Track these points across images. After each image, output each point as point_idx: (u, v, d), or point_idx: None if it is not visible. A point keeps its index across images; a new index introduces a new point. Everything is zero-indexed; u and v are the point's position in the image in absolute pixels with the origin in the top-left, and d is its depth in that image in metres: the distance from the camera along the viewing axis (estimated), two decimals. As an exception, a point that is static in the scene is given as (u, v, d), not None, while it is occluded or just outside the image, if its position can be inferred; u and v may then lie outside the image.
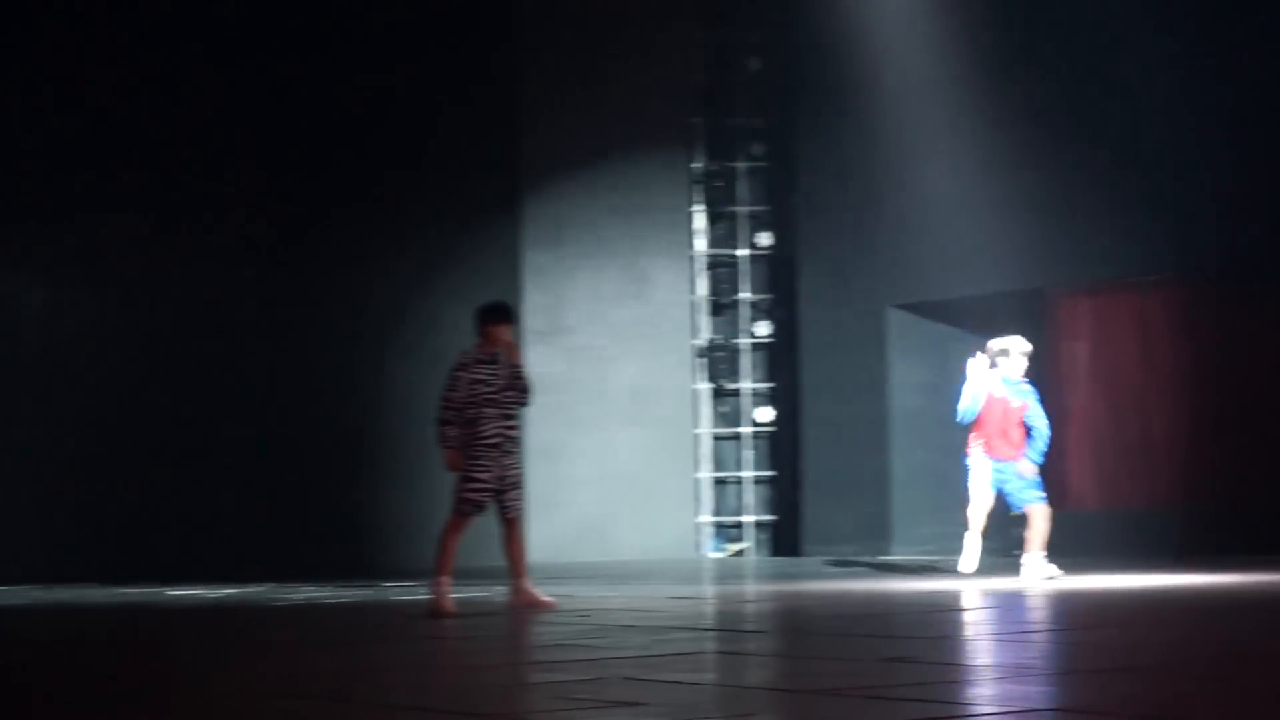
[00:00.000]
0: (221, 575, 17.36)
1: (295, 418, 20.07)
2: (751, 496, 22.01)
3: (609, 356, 21.56)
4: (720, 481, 22.08)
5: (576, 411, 21.25)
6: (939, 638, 10.11)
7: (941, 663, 8.70)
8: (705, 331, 22.14)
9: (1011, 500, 14.81)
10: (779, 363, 21.95)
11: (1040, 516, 14.59)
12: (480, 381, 12.57)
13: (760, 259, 22.12)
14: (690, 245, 22.10)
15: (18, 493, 19.04)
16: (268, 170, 20.24)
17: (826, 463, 20.98)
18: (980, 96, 19.29)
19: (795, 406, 21.49)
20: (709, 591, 15.20)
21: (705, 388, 22.06)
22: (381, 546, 19.89)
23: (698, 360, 22.08)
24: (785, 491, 21.78)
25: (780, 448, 21.91)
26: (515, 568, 12.75)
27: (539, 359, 20.18)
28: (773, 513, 21.97)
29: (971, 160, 19.34)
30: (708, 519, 21.93)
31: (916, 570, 16.61)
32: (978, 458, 14.79)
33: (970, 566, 14.86)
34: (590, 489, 21.23)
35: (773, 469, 22.00)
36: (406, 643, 10.73)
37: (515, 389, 12.69)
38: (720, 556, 21.68)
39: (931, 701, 7.05)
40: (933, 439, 19.42)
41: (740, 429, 22.06)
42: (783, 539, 21.71)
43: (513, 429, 12.74)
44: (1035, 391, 14.93)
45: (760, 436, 22.07)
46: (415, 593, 14.32)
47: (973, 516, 14.88)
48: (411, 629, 11.65)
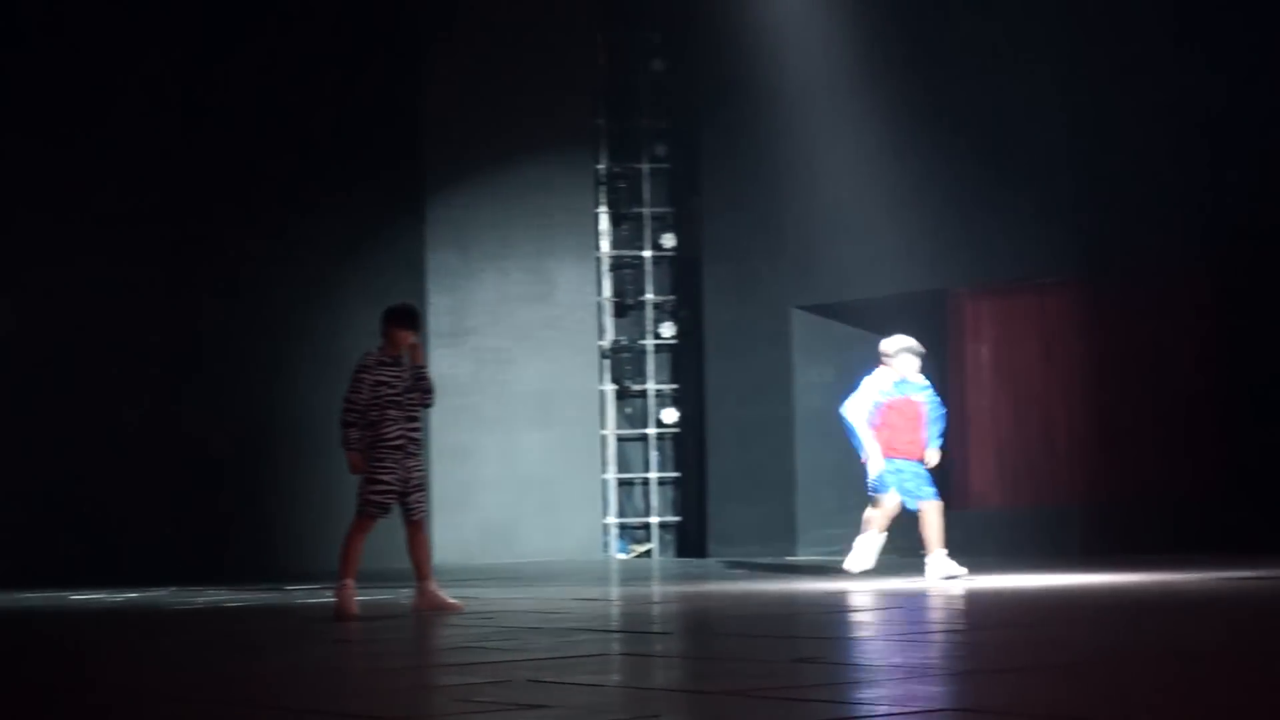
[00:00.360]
0: (123, 579, 17.21)
1: (197, 419, 19.93)
2: (657, 498, 22.02)
3: (514, 358, 21.50)
4: (626, 483, 22.08)
5: (481, 413, 21.19)
6: (844, 638, 10.16)
7: (847, 663, 8.74)
8: (610, 333, 22.13)
9: (905, 498, 14.83)
10: (684, 364, 21.98)
11: (934, 512, 14.63)
12: (384, 383, 12.54)
13: (664, 260, 22.14)
14: (595, 247, 22.09)
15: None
16: (169, 174, 20.07)
17: (731, 464, 21.01)
18: (883, 98, 19.37)
19: (700, 408, 21.51)
20: (615, 593, 15.21)
21: (610, 389, 22.05)
22: (285, 549, 19.76)
23: (603, 361, 22.07)
24: (691, 492, 21.80)
25: (685, 449, 21.93)
26: (420, 570, 12.71)
27: (444, 361, 20.14)
28: (678, 514, 21.99)
29: (874, 162, 19.42)
30: (614, 520, 21.92)
31: (822, 571, 16.66)
32: (876, 459, 14.82)
33: (859, 566, 14.86)
34: (496, 491, 21.18)
35: (678, 470, 22.02)
36: (311, 646, 10.68)
37: (419, 390, 12.68)
38: (626, 558, 21.68)
39: (838, 702, 7.08)
40: (838, 440, 19.34)
41: (646, 430, 22.06)
42: (688, 540, 21.72)
43: (416, 431, 12.72)
44: (931, 385, 15.04)
45: (665, 438, 22.09)
46: (320, 596, 14.26)
47: (869, 517, 14.91)
48: (316, 632, 11.59)
